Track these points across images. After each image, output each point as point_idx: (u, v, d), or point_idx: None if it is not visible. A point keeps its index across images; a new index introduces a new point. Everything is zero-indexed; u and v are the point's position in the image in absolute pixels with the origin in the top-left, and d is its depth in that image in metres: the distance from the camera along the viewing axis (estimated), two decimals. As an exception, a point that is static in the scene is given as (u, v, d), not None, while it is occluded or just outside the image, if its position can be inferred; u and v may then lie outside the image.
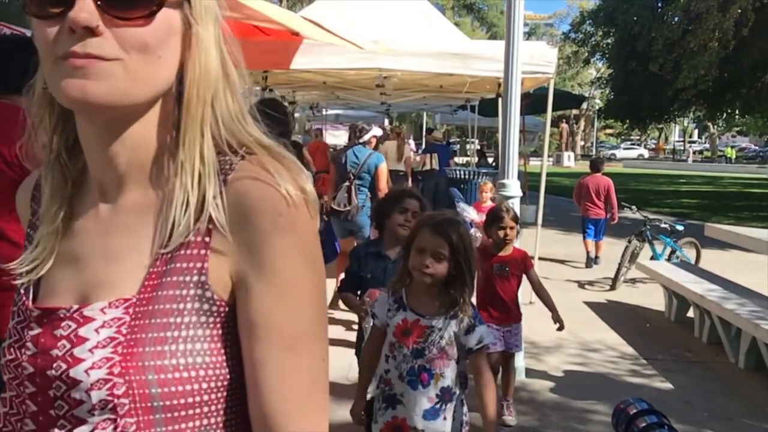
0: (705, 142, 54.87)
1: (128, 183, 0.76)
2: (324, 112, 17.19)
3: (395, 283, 2.23)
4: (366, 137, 5.61)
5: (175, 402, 0.69)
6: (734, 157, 43.65)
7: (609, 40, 21.94)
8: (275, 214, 0.71)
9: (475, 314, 2.17)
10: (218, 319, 0.72)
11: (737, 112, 22.27)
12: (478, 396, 2.20)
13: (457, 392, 2.17)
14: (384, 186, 5.48)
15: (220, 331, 0.72)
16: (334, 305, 5.33)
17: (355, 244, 5.40)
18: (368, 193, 5.44)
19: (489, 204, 6.43)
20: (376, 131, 5.96)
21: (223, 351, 0.72)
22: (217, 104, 0.75)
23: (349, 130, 10.66)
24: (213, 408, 0.72)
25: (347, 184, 5.36)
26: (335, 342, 4.68)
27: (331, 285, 5.87)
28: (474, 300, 3.51)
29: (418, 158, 12.61)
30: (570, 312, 6.00)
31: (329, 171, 6.42)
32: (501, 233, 3.56)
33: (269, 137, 0.78)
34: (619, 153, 44.65)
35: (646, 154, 47.92)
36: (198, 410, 0.70)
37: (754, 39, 13.66)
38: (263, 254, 0.71)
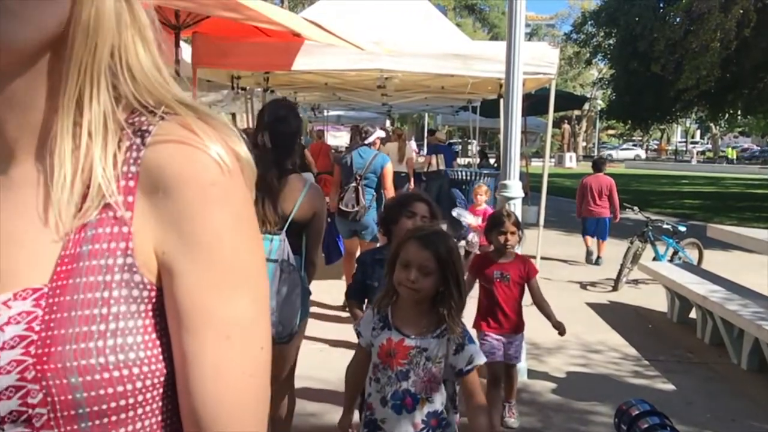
0: (707, 143, 54.83)
1: (21, 152, 0.63)
2: (325, 114, 17.21)
3: (381, 300, 2.09)
4: (371, 139, 5.65)
5: (104, 407, 0.59)
6: (735, 157, 43.69)
7: (611, 41, 21.94)
8: (206, 184, 0.61)
9: (465, 333, 2.02)
10: (150, 306, 0.62)
11: (739, 112, 22.26)
12: (468, 422, 2.08)
13: (447, 416, 2.02)
14: (390, 185, 5.55)
15: (154, 320, 0.62)
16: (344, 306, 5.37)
17: (359, 244, 5.48)
18: (374, 194, 5.52)
19: (483, 207, 6.40)
20: (380, 133, 5.99)
21: (158, 343, 0.62)
22: (125, 54, 0.64)
23: (352, 131, 10.71)
24: (148, 408, 0.63)
25: (354, 184, 5.40)
26: (340, 344, 4.68)
27: (336, 285, 5.90)
28: (475, 309, 3.51)
29: (421, 159, 12.62)
30: (572, 313, 6.01)
31: (332, 172, 6.47)
32: (501, 238, 3.41)
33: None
34: (616, 153, 44.66)
35: (643, 154, 47.94)
36: (131, 413, 0.61)
37: (756, 39, 13.65)
38: (193, 231, 0.61)
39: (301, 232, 2.68)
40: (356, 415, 2.30)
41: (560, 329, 3.52)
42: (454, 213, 6.27)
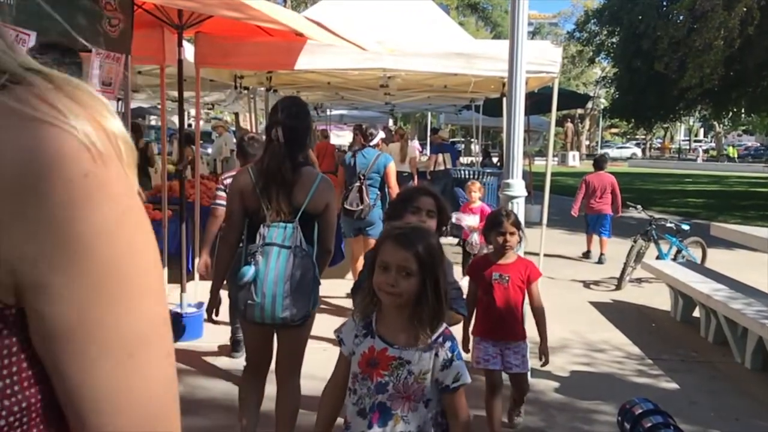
0: (711, 141, 54.68)
1: None
2: (328, 113, 17.24)
3: (364, 305, 1.90)
4: (375, 141, 5.88)
5: None
6: (737, 156, 43.74)
7: (614, 39, 21.91)
8: (75, 176, 0.49)
9: (453, 347, 1.83)
10: (2, 329, 0.50)
11: (743, 111, 22.19)
12: None
13: None
14: (394, 184, 5.71)
15: (7, 342, 0.51)
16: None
17: (364, 242, 5.55)
18: (378, 193, 5.66)
19: (478, 204, 6.36)
20: (381, 134, 6.25)
21: (16, 371, 0.51)
22: None
23: (354, 132, 10.87)
24: None
25: (358, 184, 5.56)
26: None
27: (340, 284, 5.91)
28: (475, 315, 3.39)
29: (424, 158, 12.62)
30: (575, 312, 6.01)
31: (336, 172, 6.54)
32: (500, 239, 3.25)
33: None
34: (612, 152, 44.58)
35: (639, 152, 47.87)
36: None
37: (759, 37, 13.61)
38: (66, 235, 0.49)
39: (314, 222, 2.78)
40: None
41: (545, 358, 3.36)
42: (453, 218, 6.29)
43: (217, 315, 2.95)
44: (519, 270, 3.31)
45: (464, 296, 2.57)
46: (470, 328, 3.40)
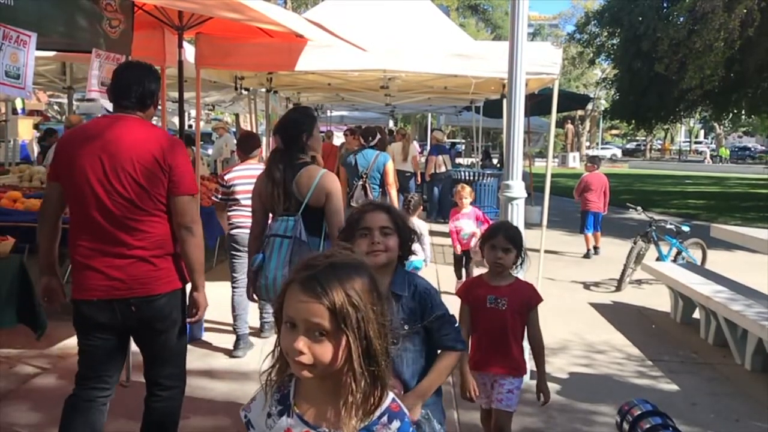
0: (711, 143, 54.70)
1: None
2: (329, 114, 17.26)
3: (277, 371, 1.33)
4: (374, 141, 6.12)
5: None
6: (728, 155, 44.09)
7: (614, 41, 21.87)
8: None
9: (403, 428, 1.27)
10: None
11: (743, 112, 22.18)
12: None
13: None
14: (392, 180, 5.98)
15: None
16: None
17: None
18: (380, 190, 5.95)
19: (469, 210, 6.27)
20: (378, 136, 6.56)
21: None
22: None
23: (345, 134, 11.29)
24: None
25: (362, 183, 5.82)
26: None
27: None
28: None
29: (423, 160, 12.63)
30: (575, 313, 6.01)
31: (336, 172, 6.65)
32: (491, 255, 2.82)
33: None
34: (591, 153, 44.65)
35: (619, 153, 48.17)
36: None
37: (760, 39, 13.60)
38: None
39: (319, 215, 3.06)
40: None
41: (544, 397, 2.96)
42: (452, 226, 6.33)
43: (256, 300, 3.39)
44: (517, 294, 2.86)
45: (458, 324, 2.21)
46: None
